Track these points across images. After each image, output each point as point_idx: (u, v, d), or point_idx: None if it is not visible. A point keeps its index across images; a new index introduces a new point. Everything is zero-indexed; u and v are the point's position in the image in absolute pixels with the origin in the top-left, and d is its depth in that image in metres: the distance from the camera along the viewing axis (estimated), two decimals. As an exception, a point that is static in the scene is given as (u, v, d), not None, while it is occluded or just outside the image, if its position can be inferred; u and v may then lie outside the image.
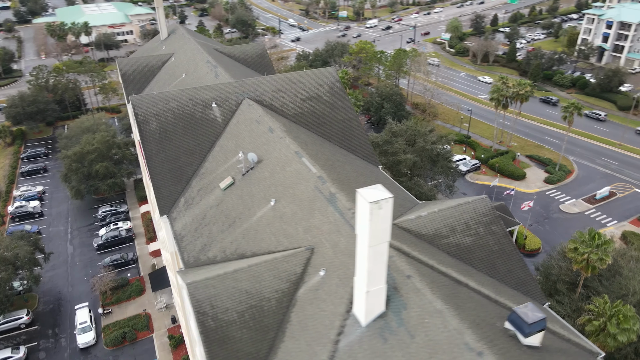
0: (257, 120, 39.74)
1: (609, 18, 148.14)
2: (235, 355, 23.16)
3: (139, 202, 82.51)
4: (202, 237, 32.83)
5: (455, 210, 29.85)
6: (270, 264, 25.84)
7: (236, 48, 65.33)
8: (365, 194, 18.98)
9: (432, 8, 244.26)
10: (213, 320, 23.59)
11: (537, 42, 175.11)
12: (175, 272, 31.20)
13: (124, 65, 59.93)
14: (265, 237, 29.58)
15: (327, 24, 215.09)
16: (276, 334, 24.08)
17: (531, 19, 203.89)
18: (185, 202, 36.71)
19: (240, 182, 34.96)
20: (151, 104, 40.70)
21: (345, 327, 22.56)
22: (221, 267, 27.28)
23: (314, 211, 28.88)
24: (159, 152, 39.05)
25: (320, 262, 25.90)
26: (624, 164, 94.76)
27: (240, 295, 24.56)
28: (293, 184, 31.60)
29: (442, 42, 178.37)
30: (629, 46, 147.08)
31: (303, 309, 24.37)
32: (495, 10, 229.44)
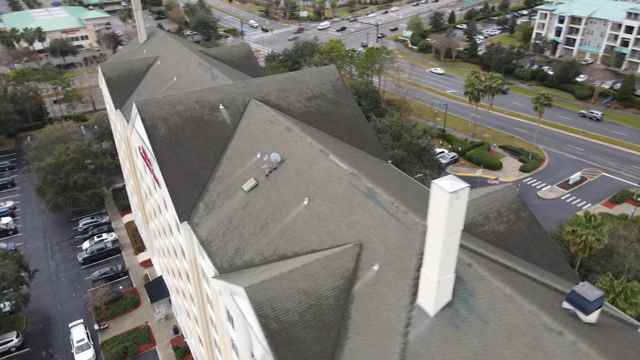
0: (270, 120, 39.36)
1: (561, 13, 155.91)
2: (302, 355, 22.94)
3: (120, 212, 79.60)
4: (233, 241, 32.22)
5: (486, 199, 30.68)
6: (323, 262, 25.74)
7: (221, 49, 64.32)
8: (443, 185, 19.30)
9: (389, 7, 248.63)
10: (276, 322, 23.25)
11: (493, 38, 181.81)
12: (211, 279, 30.42)
13: (107, 70, 57.74)
14: (305, 236, 29.39)
15: (288, 24, 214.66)
16: (339, 332, 24.03)
17: (485, 16, 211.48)
18: (206, 207, 35.88)
19: (264, 183, 34.54)
20: (158, 108, 39.52)
21: (412, 319, 22.82)
22: (269, 268, 26.90)
23: (353, 207, 28.96)
24: (171, 157, 37.96)
25: (371, 257, 26.03)
26: (589, 150, 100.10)
27: (298, 295, 24.33)
28: (325, 182, 31.55)
29: (404, 39, 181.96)
30: (580, 39, 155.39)
31: (363, 304, 24.44)
32: (450, 7, 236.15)
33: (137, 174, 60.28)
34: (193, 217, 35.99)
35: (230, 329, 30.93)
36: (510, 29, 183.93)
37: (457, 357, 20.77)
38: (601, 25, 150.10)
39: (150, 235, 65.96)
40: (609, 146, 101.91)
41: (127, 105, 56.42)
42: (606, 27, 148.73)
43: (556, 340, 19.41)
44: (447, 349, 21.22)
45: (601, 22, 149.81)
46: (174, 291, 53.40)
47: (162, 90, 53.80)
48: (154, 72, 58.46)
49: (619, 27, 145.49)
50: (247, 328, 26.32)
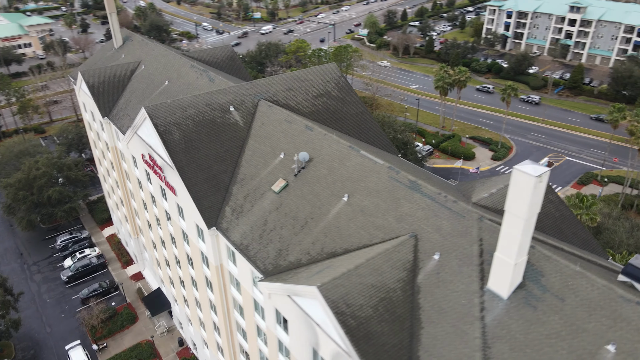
0: (287, 120, 39.04)
1: (509, 8, 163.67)
2: (382, 349, 23.05)
3: (99, 226, 75.91)
4: (273, 243, 31.74)
5: (517, 185, 31.87)
6: (385, 255, 25.93)
7: (204, 52, 62.76)
8: (527, 170, 20.02)
9: (340, 6, 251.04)
10: (352, 318, 23.22)
11: (445, 34, 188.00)
12: (259, 282, 29.78)
13: (89, 76, 55.03)
14: (353, 232, 29.44)
15: (242, 25, 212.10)
16: (411, 322, 24.31)
17: (435, 13, 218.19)
18: (233, 211, 35.11)
19: (295, 183, 34.25)
20: (169, 112, 38.27)
21: (485, 303, 23.48)
22: (326, 266, 26.74)
23: (399, 200, 29.33)
24: (189, 162, 36.87)
25: (429, 247, 26.49)
26: (551, 137, 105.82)
27: (368, 290, 24.41)
28: (362, 178, 31.72)
29: (361, 37, 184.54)
30: (527, 33, 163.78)
31: (431, 294, 24.85)
32: (399, 5, 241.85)
33: (126, 184, 57.86)
34: (221, 222, 35.09)
35: (280, 331, 30.46)
36: (460, 25, 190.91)
37: (540, 335, 21.62)
38: (546, 19, 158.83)
39: (140, 248, 63.46)
40: (567, 132, 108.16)
41: (114, 112, 53.97)
42: (550, 20, 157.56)
43: (637, 310, 20.64)
44: (528, 329, 22.01)
45: (546, 16, 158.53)
46: (179, 302, 51.69)
47: (153, 95, 51.92)
48: (139, 77, 56.27)
49: (562, 20, 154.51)
50: (312, 328, 26.05)
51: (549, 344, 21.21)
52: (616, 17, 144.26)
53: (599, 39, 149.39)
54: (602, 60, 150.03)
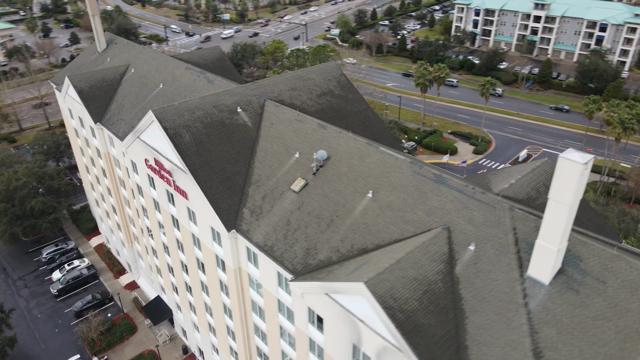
0: (298, 119, 38.90)
1: (477, 6, 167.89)
2: (431, 341, 23.33)
3: (85, 236, 73.39)
4: (299, 242, 31.57)
5: (533, 175, 32.89)
6: (423, 248, 26.21)
7: (194, 54, 61.74)
8: (573, 157, 20.68)
9: (308, 6, 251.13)
10: (400, 312, 23.40)
11: (416, 32, 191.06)
12: (290, 282, 29.53)
13: (77, 81, 53.20)
14: (382, 227, 29.62)
15: (211, 27, 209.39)
16: (455, 313, 24.68)
17: (403, 12, 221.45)
18: (252, 213, 34.72)
19: (314, 181, 34.16)
20: (177, 115, 37.50)
21: (527, 290, 24.11)
22: (363, 261, 26.80)
23: (425, 194, 29.70)
24: (202, 165, 36.23)
25: (463, 239, 26.95)
26: (527, 130, 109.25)
27: (411, 283, 24.64)
28: (384, 174, 31.95)
29: (333, 37, 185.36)
30: (495, 30, 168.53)
31: (471, 284, 25.29)
32: (367, 5, 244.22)
33: (120, 191, 56.22)
34: (240, 225, 34.62)
35: (313, 331, 30.31)
36: (430, 24, 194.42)
37: (586, 318, 22.37)
38: (512, 16, 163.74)
39: (134, 256, 61.77)
40: (541, 124, 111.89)
41: (107, 117, 52.33)
42: (517, 17, 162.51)
43: (678, 288, 21.67)
44: (573, 312, 22.73)
45: (512, 13, 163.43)
46: (184, 308, 50.61)
47: (148, 99, 50.67)
48: (129, 80, 54.78)
49: (528, 17, 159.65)
50: (353, 325, 26.05)
51: (595, 326, 21.97)
52: (578, 13, 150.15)
53: (563, 34, 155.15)
54: (567, 54, 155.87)
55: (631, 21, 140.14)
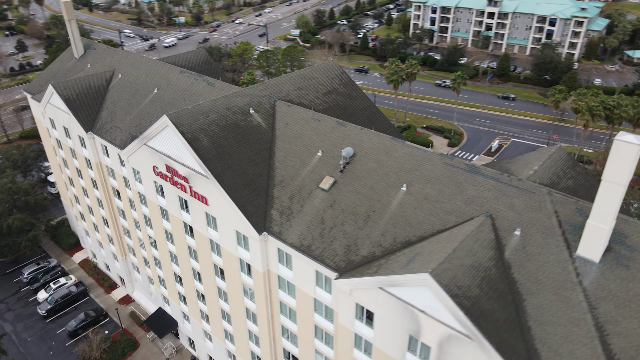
0: (314, 118, 38.86)
1: (433, 4, 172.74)
2: (496, 325, 24.02)
3: (67, 252, 69.80)
4: (338, 240, 31.56)
5: (551, 161, 34.45)
6: (473, 236, 26.87)
7: (179, 57, 60.20)
8: (629, 139, 21.92)
9: (263, 8, 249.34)
10: (466, 299, 23.96)
11: (374, 31, 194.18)
12: (335, 280, 29.45)
13: (63, 89, 50.63)
14: (422, 219, 30.12)
15: (167, 31, 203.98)
16: (512, 297, 25.48)
17: (360, 11, 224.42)
18: (281, 214, 34.38)
19: (342, 179, 34.25)
20: (192, 119, 36.62)
21: (578, 269, 25.30)
22: (414, 252, 27.18)
23: (461, 184, 30.47)
24: (225, 169, 35.54)
25: (507, 225, 27.87)
26: (494, 121, 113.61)
27: (469, 270, 25.26)
28: (415, 167, 32.49)
29: (294, 37, 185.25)
30: (452, 26, 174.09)
31: (523, 267, 26.21)
32: (323, 5, 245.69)
33: (113, 202, 53.93)
34: (271, 227, 34.17)
35: (360, 327, 30.33)
36: (387, 22, 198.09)
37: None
38: (467, 13, 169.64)
39: (129, 269, 59.40)
40: (506, 116, 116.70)
41: (98, 126, 50.03)
42: (471, 14, 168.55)
43: None
44: (627, 286, 24.08)
45: (467, 10, 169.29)
46: (194, 318, 49.24)
47: (143, 104, 48.94)
48: (118, 87, 52.65)
49: (482, 13, 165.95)
50: (411, 316, 26.34)
51: (649, 297, 23.38)
52: (529, 9, 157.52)
53: (515, 29, 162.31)
54: (520, 48, 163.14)
55: (578, 15, 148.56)
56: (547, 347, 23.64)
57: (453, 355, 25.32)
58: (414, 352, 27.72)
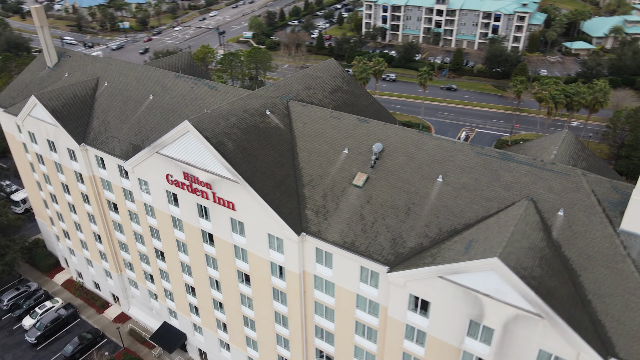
0: (333, 116, 39.03)
1: (384, 3, 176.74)
2: (561, 301, 25.30)
3: (47, 274, 65.49)
4: (382, 234, 31.92)
5: (565, 145, 36.55)
6: (523, 220, 28.01)
7: (162, 61, 58.21)
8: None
9: (208, 11, 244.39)
10: (532, 279, 25.08)
11: (327, 30, 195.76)
12: (389, 273, 29.74)
13: (47, 100, 47.65)
14: (464, 207, 31.08)
15: (111, 37, 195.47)
16: (568, 274, 26.91)
17: (309, 12, 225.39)
18: (317, 213, 34.32)
19: (375, 174, 34.66)
20: (213, 123, 35.82)
21: (625, 242, 27.14)
22: (468, 239, 28.00)
23: (496, 171, 31.72)
24: (254, 172, 35.04)
25: (549, 206, 29.36)
26: (456, 114, 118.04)
27: (528, 252, 26.43)
28: (446, 158, 33.45)
29: (247, 40, 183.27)
30: (403, 24, 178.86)
31: (572, 245, 27.74)
32: (269, 6, 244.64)
33: (108, 216, 51.30)
34: (308, 227, 33.95)
35: (412, 317, 30.82)
36: (339, 22, 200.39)
37: (684, 256, 25.86)
38: (417, 11, 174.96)
39: (125, 285, 56.69)
40: (467, 108, 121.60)
41: (91, 137, 47.39)
42: (421, 12, 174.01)
43: None
44: (671, 253, 26.12)
45: (416, 8, 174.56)
46: (209, 328, 47.83)
47: (139, 112, 46.95)
48: (106, 95, 50.13)
49: (431, 11, 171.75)
50: (474, 301, 27.13)
51: (693, 262, 25.49)
52: (474, 6, 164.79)
53: (463, 25, 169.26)
54: (468, 43, 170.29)
55: (520, 10, 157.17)
56: (609, 318, 25.21)
57: (519, 334, 26.39)
58: (474, 336, 28.59)
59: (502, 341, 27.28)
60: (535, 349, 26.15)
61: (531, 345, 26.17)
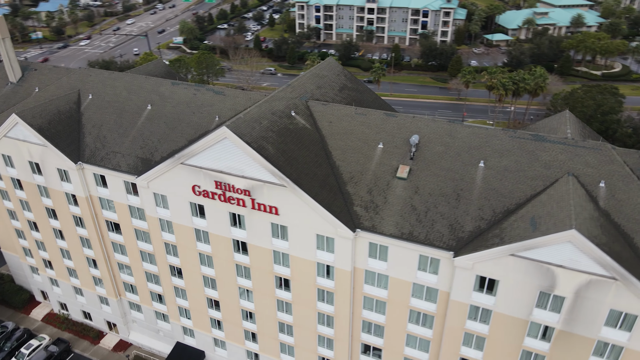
0: (358, 112, 39.57)
1: (316, 3, 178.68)
2: (629, 263, 27.76)
3: (21, 311, 59.35)
4: (438, 222, 32.99)
5: (572, 124, 39.99)
6: (575, 194, 30.35)
7: (140, 70, 55.18)
8: None
9: (127, 17, 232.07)
10: (604, 245, 27.34)
11: (260, 33, 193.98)
12: (455, 258, 30.79)
13: (31, 117, 43.57)
14: (512, 188, 32.99)
15: (24, 49, 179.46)
16: (623, 238, 29.60)
17: (237, 14, 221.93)
18: (367, 209, 34.75)
19: (416, 165, 35.68)
20: (249, 127, 35.19)
21: (663, 205, 30.38)
22: (529, 215, 29.78)
23: (533, 152, 34.01)
24: (299, 173, 34.75)
25: (589, 179, 32.07)
26: (405, 106, 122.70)
27: (592, 221, 28.78)
28: (483, 144, 35.27)
29: (178, 45, 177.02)
30: (336, 23, 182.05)
31: (620, 212, 30.58)
32: (190, 11, 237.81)
33: (106, 238, 47.71)
34: (361, 223, 34.18)
35: (478, 297, 32.15)
36: (270, 23, 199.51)
37: None
38: (348, 10, 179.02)
39: (124, 309, 52.98)
40: (414, 100, 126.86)
41: (88, 154, 43.78)
42: (352, 11, 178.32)
43: None
44: None
45: (348, 7, 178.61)
46: (235, 340, 46.20)
47: (139, 123, 44.24)
48: (93, 108, 46.56)
49: (362, 9, 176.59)
50: (546, 273, 28.97)
51: None
52: (403, 3, 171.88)
53: (394, 22, 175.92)
54: (400, 39, 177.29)
55: (445, 6, 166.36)
56: (667, 272, 28.15)
57: (591, 298, 28.64)
58: (543, 306, 30.53)
59: (573, 307, 29.45)
60: (606, 309, 28.56)
61: (602, 307, 28.53)
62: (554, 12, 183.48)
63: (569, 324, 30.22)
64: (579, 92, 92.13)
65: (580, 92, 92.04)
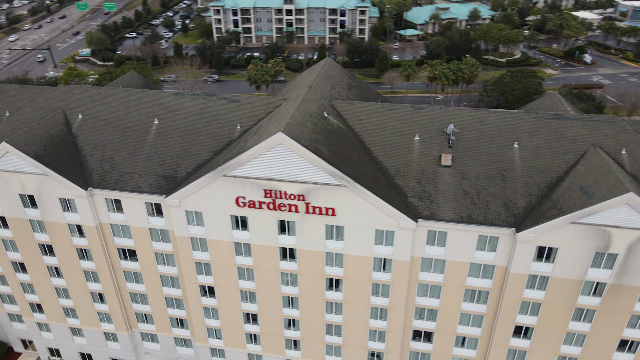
0: (385, 108, 40.86)
1: (233, 7, 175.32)
2: (666, 215, 32.09)
3: (0, 365, 52.21)
4: (491, 202, 35.28)
5: (569, 102, 44.66)
6: (607, 162, 34.16)
7: (117, 83, 51.27)
8: None
9: (12, 32, 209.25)
10: (650, 203, 31.33)
11: (175, 39, 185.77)
12: (518, 233, 33.08)
13: (23, 145, 38.94)
14: (549, 163, 36.29)
15: None
16: (652, 195, 33.98)
17: (142, 22, 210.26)
18: (421, 198, 36.16)
19: (454, 152, 37.74)
20: (299, 132, 35.31)
21: (675, 163, 35.35)
22: (571, 189, 33.04)
23: (558, 129, 37.68)
24: (356, 172, 35.16)
25: (612, 149, 36.36)
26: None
27: (632, 183, 32.58)
28: (511, 127, 38.34)
29: (87, 58, 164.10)
30: (254, 26, 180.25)
31: (643, 174, 35.02)
32: (86, 20, 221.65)
33: (115, 267, 43.81)
34: (420, 213, 35.37)
35: (538, 266, 34.81)
36: (183, 29, 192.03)
37: None
38: (266, 12, 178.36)
39: (136, 342, 48.91)
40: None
41: (98, 178, 39.84)
42: (270, 13, 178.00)
43: None
44: None
45: (265, 10, 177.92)
46: (274, 352, 44.93)
47: (149, 139, 41.34)
48: (88, 128, 42.52)
49: (280, 11, 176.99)
50: (601, 235, 32.32)
51: None
52: (320, 4, 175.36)
53: (312, 22, 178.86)
54: (319, 39, 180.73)
55: (360, 5, 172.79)
56: (695, 219, 32.87)
57: (641, 251, 32.58)
58: (597, 265, 34.01)
59: (625, 262, 33.22)
60: (654, 258, 32.67)
61: (651, 256, 32.60)
62: (454, 7, 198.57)
63: (619, 277, 34.02)
64: (507, 77, 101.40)
65: (507, 77, 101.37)
